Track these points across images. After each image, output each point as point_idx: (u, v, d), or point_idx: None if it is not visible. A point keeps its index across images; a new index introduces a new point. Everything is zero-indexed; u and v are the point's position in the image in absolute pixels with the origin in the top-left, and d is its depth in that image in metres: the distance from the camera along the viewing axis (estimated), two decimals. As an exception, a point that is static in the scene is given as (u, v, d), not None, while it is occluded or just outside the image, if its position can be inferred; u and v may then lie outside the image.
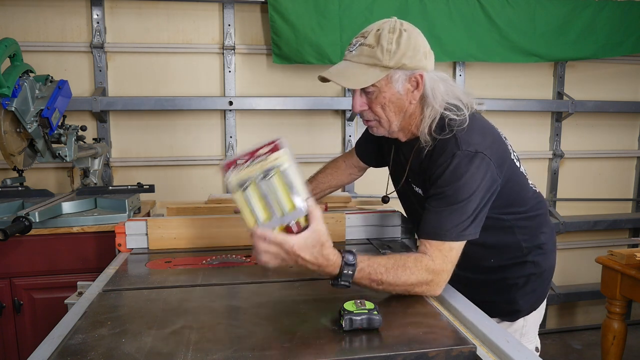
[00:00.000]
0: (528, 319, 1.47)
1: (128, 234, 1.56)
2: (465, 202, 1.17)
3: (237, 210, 1.66)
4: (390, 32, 1.20)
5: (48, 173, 2.70)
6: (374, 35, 1.22)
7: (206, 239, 1.58)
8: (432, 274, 1.13)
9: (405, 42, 1.20)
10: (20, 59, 1.84)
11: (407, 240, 1.70)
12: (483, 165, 1.19)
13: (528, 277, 1.43)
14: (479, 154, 1.19)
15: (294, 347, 0.90)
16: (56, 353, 0.88)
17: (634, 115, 3.35)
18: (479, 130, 1.25)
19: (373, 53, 1.21)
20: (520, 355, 0.89)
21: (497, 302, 1.44)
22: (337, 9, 2.66)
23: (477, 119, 1.30)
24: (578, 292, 3.26)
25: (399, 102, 1.25)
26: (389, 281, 1.08)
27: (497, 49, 2.87)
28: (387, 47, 1.19)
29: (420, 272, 1.11)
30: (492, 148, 1.24)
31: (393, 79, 1.22)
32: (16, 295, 1.89)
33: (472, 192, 1.18)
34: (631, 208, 3.47)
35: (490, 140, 1.26)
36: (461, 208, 1.17)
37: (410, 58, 1.20)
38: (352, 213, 1.72)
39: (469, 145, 1.20)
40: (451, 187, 1.18)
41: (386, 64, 1.20)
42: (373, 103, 1.26)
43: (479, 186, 1.18)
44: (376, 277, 1.08)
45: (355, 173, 1.78)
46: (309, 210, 1.01)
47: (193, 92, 2.78)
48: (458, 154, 1.19)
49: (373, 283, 1.09)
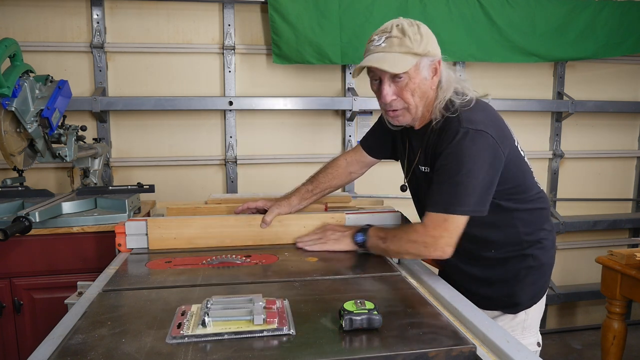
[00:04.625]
0: (529, 313, 1.50)
1: (128, 234, 1.56)
2: (465, 175, 1.25)
3: (237, 211, 1.68)
4: (410, 26, 1.31)
5: (48, 173, 2.70)
6: (396, 29, 1.31)
7: (206, 239, 1.58)
8: (429, 237, 1.28)
9: (425, 32, 1.33)
10: (20, 59, 1.84)
11: None
12: (484, 141, 1.27)
13: (528, 270, 1.46)
14: (480, 131, 1.27)
15: (294, 347, 0.90)
16: (56, 353, 0.88)
17: (634, 115, 3.35)
18: (481, 110, 1.35)
19: (403, 42, 1.30)
20: (520, 355, 0.89)
21: (498, 295, 1.48)
22: (337, 9, 2.66)
23: (481, 102, 1.39)
24: (578, 292, 3.26)
25: (425, 88, 1.36)
26: (391, 238, 1.36)
27: (497, 49, 2.87)
28: (414, 37, 1.30)
29: (418, 235, 1.30)
30: (494, 126, 1.31)
31: (421, 65, 1.33)
32: (16, 295, 1.90)
33: (473, 167, 1.26)
34: (631, 208, 3.47)
35: (491, 118, 1.34)
36: (462, 182, 1.25)
37: (432, 46, 1.34)
38: (352, 213, 1.71)
39: (471, 122, 1.29)
40: (452, 162, 1.27)
41: (417, 51, 1.30)
42: (404, 90, 1.35)
43: (480, 161, 1.26)
44: (381, 233, 1.40)
45: (357, 171, 1.78)
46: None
47: (193, 92, 2.78)
48: (460, 130, 1.28)
49: (379, 240, 1.39)
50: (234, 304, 1.00)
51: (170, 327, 0.96)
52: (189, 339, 0.92)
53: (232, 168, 2.85)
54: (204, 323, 0.95)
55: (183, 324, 0.97)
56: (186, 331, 0.93)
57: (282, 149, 2.93)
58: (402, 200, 2.95)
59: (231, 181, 2.86)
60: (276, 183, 2.91)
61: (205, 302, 0.99)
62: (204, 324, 0.95)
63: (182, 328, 0.95)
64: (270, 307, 1.00)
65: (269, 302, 1.02)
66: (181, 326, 0.96)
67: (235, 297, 1.02)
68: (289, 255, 1.50)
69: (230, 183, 2.86)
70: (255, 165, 2.91)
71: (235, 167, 2.86)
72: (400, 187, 1.65)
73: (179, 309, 1.04)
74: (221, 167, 2.88)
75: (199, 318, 0.97)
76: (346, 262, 1.44)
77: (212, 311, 0.97)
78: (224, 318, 0.97)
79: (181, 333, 0.93)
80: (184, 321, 0.98)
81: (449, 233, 1.27)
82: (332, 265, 1.40)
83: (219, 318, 0.96)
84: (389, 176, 2.95)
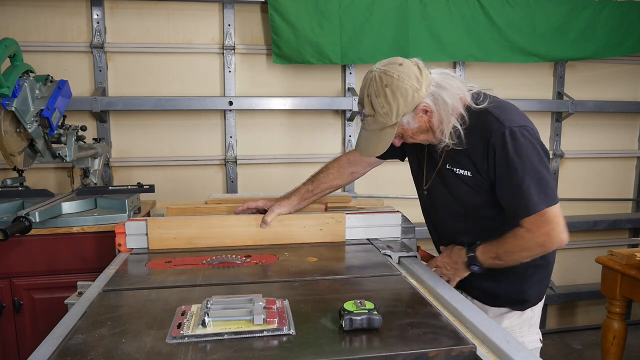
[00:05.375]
0: (534, 310, 1.53)
1: (128, 234, 1.56)
2: (534, 169, 1.29)
3: (237, 211, 1.68)
4: (376, 97, 1.32)
5: (48, 173, 2.70)
6: (368, 104, 1.35)
7: (206, 239, 1.58)
8: (540, 237, 1.30)
9: (391, 98, 1.31)
10: (20, 59, 1.84)
11: (407, 240, 1.70)
12: (532, 135, 1.32)
13: (535, 269, 1.48)
14: (524, 126, 1.32)
15: (294, 347, 0.90)
16: (56, 353, 0.88)
17: (634, 115, 3.35)
18: (510, 107, 1.38)
19: (376, 120, 1.35)
20: (520, 355, 0.89)
21: (506, 292, 1.50)
22: (337, 9, 2.66)
23: (498, 98, 1.41)
24: (578, 292, 3.26)
25: (423, 128, 1.38)
26: (503, 254, 1.36)
27: (497, 49, 2.87)
28: (382, 111, 1.32)
29: (528, 242, 1.32)
30: (527, 119, 1.37)
31: (404, 123, 1.36)
32: (16, 295, 1.90)
33: (536, 160, 1.29)
34: (631, 208, 3.47)
35: (520, 112, 1.39)
36: (535, 177, 1.28)
37: (404, 106, 1.32)
38: (352, 213, 1.71)
39: (512, 121, 1.32)
40: (516, 164, 1.29)
41: (391, 123, 1.34)
42: (405, 139, 1.42)
43: (537, 153, 1.30)
44: (491, 254, 1.39)
45: (359, 171, 1.76)
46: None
47: (193, 92, 2.78)
48: (506, 131, 1.30)
49: (494, 261, 1.38)
50: (234, 304, 1.00)
51: (170, 327, 0.96)
52: (189, 339, 0.92)
53: (232, 168, 2.85)
54: (204, 323, 0.95)
55: (183, 324, 0.97)
56: (186, 331, 0.94)
57: (282, 149, 2.93)
58: (402, 200, 2.96)
59: (231, 181, 2.86)
60: (276, 183, 2.91)
61: (205, 302, 1.00)
62: (204, 324, 0.95)
63: (182, 328, 0.95)
64: (270, 307, 1.01)
65: (269, 302, 1.02)
66: (181, 326, 0.96)
67: (235, 297, 1.02)
68: (289, 255, 1.50)
69: (230, 183, 2.86)
70: (255, 165, 2.91)
71: (235, 167, 2.86)
72: (422, 192, 1.59)
73: (179, 309, 1.04)
74: (221, 167, 2.88)
75: (199, 318, 0.98)
76: (346, 262, 1.44)
77: (212, 311, 0.97)
78: (224, 318, 0.97)
79: (181, 333, 0.93)
80: (184, 321, 0.98)
81: (555, 224, 1.30)
82: (332, 265, 1.40)
83: (219, 318, 0.96)
84: (389, 176, 2.96)
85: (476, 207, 1.43)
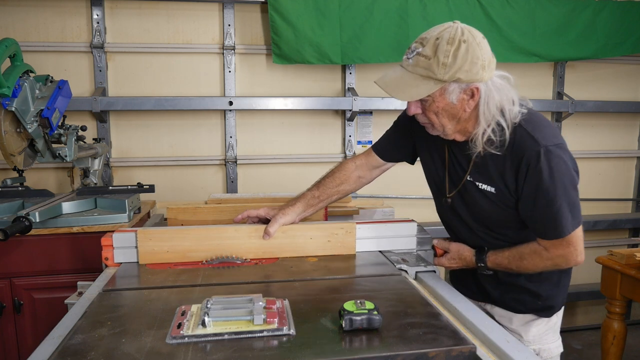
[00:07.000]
0: (559, 315, 1.51)
1: (116, 246, 1.41)
2: (566, 193, 1.24)
3: (236, 220, 1.63)
4: (448, 44, 1.18)
5: (48, 173, 2.70)
6: (432, 45, 1.20)
7: (203, 252, 1.44)
8: (558, 258, 1.31)
9: (462, 55, 1.18)
10: (20, 59, 1.84)
11: (423, 252, 1.57)
12: (565, 154, 1.26)
13: (560, 274, 1.47)
14: (558, 144, 1.26)
15: (294, 347, 0.90)
16: (56, 353, 0.88)
17: (634, 115, 3.35)
18: (543, 123, 1.31)
19: (429, 65, 1.20)
20: (520, 355, 0.89)
21: (533, 299, 1.46)
22: (337, 8, 2.66)
23: (531, 111, 1.32)
24: (578, 292, 3.25)
25: (453, 111, 1.27)
26: (516, 266, 1.37)
27: (497, 49, 2.84)
28: (443, 60, 1.18)
29: (545, 260, 1.32)
30: (559, 135, 1.30)
31: (447, 90, 1.23)
32: (16, 295, 1.90)
33: (569, 182, 1.25)
34: (631, 208, 3.47)
35: (553, 128, 1.34)
36: (566, 200, 1.25)
37: (466, 72, 1.20)
38: (363, 223, 1.57)
39: (546, 139, 1.25)
40: (549, 186, 1.24)
41: (441, 78, 1.20)
42: (427, 110, 1.29)
43: (570, 174, 1.25)
44: (503, 261, 1.39)
45: (366, 176, 1.65)
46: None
47: (193, 92, 2.78)
48: (542, 151, 1.23)
49: (505, 268, 1.39)
50: (233, 304, 1.00)
51: (170, 327, 0.96)
52: (189, 339, 0.92)
53: (232, 168, 2.85)
54: (204, 323, 0.95)
55: (183, 324, 0.97)
56: (186, 331, 0.93)
57: (282, 149, 2.93)
58: (402, 200, 2.95)
59: (231, 181, 2.86)
60: (276, 183, 2.91)
61: (205, 302, 0.99)
62: (204, 324, 0.95)
63: (182, 328, 0.95)
64: (270, 307, 1.00)
65: (269, 302, 1.02)
66: (181, 326, 0.96)
67: (235, 297, 1.02)
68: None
69: (230, 183, 2.86)
70: (255, 165, 2.91)
71: (235, 167, 2.86)
72: (444, 200, 1.50)
73: (179, 309, 1.04)
74: (221, 167, 2.88)
75: (199, 318, 0.97)
76: (346, 262, 1.44)
77: (212, 311, 0.97)
78: (224, 318, 0.97)
79: (181, 333, 0.93)
80: (184, 321, 0.98)
81: (574, 247, 1.29)
82: (332, 265, 1.40)
83: (219, 318, 0.96)
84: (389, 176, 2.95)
85: (500, 222, 1.39)
